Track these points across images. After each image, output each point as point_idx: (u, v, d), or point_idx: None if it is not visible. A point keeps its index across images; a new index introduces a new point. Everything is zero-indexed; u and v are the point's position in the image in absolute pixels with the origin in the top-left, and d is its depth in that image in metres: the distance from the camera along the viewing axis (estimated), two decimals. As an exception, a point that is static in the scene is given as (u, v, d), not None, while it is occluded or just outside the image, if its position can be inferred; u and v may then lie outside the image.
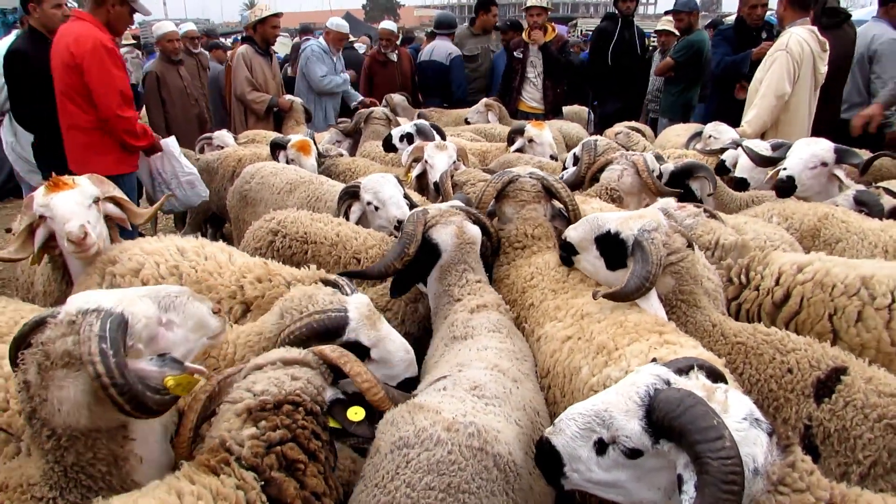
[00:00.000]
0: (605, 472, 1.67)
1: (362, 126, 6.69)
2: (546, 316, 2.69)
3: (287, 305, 2.39)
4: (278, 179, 4.67)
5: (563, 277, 2.87)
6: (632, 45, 9.00)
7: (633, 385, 1.63)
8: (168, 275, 2.91)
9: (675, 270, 2.53)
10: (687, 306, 2.59)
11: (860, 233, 3.41)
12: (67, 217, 2.90)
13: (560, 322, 2.58)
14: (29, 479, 1.71)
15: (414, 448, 1.72)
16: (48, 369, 1.61)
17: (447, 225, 2.83)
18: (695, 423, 1.45)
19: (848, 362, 2.22)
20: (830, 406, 2.12)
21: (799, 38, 5.62)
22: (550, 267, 2.93)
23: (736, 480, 1.39)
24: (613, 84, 9.02)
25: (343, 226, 3.71)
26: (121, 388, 1.57)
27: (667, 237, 2.53)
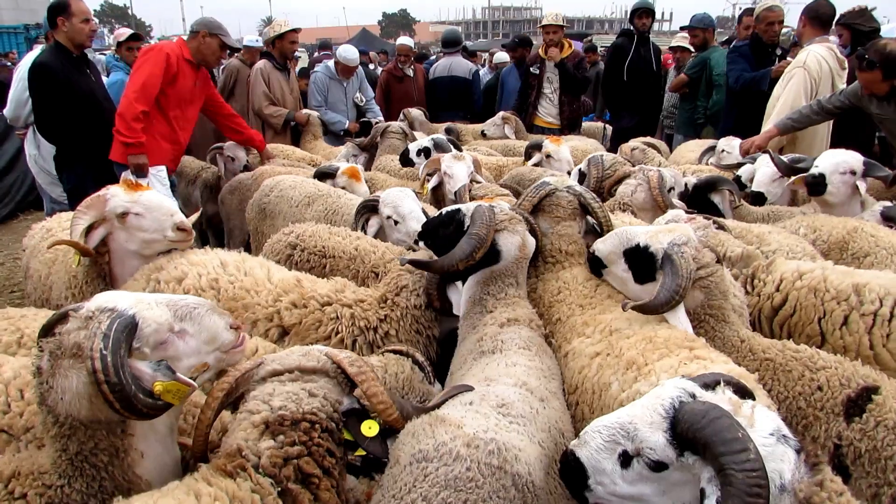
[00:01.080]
0: (629, 486, 1.65)
1: (378, 140, 6.74)
2: (574, 332, 2.68)
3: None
4: (297, 192, 4.69)
5: (590, 293, 2.86)
6: (647, 61, 8.97)
7: (658, 398, 1.62)
8: (208, 287, 2.96)
9: (705, 285, 2.53)
10: (715, 321, 2.57)
11: (890, 247, 3.38)
12: (173, 209, 3.16)
13: (588, 338, 2.57)
14: (40, 467, 1.77)
15: (433, 462, 1.69)
16: (58, 358, 1.68)
17: (514, 234, 2.78)
18: (719, 435, 1.43)
19: (879, 381, 2.19)
20: (861, 425, 2.07)
21: (817, 56, 5.60)
22: (578, 282, 2.92)
23: (761, 493, 1.36)
24: (629, 100, 9.01)
25: (361, 240, 3.72)
26: (112, 387, 1.62)
27: (696, 251, 2.54)
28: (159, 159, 5.54)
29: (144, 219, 3.08)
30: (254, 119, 7.97)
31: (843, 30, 6.38)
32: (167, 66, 5.31)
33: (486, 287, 2.77)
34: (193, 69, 5.68)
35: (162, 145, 5.58)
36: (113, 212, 3.07)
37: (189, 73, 5.62)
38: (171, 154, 5.73)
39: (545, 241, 3.09)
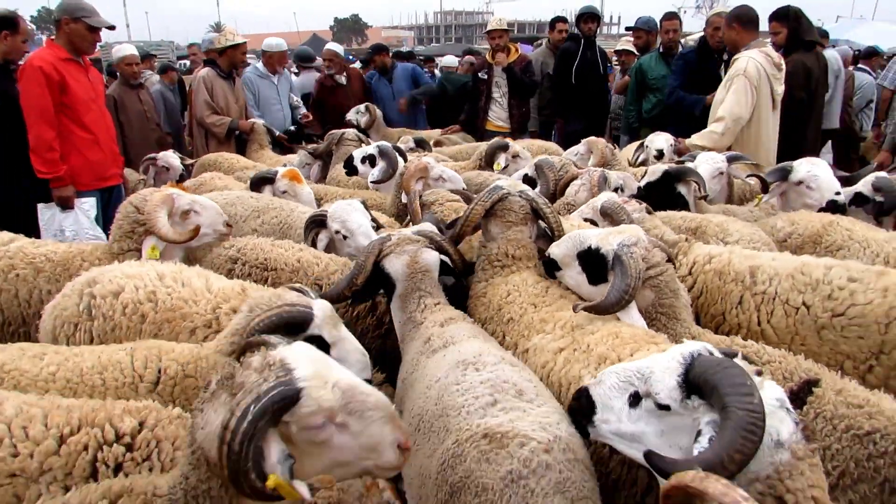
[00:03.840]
0: (632, 424, 1.82)
1: (333, 148, 6.57)
2: (531, 329, 2.72)
3: (256, 301, 2.45)
4: (239, 208, 4.56)
5: (541, 293, 2.91)
6: (594, 64, 9.11)
7: (680, 350, 1.78)
8: (146, 300, 2.90)
9: (655, 284, 2.61)
10: (667, 318, 2.65)
11: (863, 241, 3.49)
12: (219, 209, 3.76)
13: (549, 334, 2.63)
14: (156, 489, 1.72)
15: (530, 478, 1.80)
16: (222, 387, 1.61)
17: (400, 255, 2.89)
18: (730, 379, 1.60)
19: (820, 374, 2.27)
20: (801, 417, 2.10)
21: (756, 63, 5.74)
22: (528, 284, 2.97)
23: (756, 432, 1.51)
24: (577, 103, 9.12)
25: (304, 251, 3.65)
26: (230, 452, 1.50)
27: (646, 251, 2.61)
28: (96, 172, 5.39)
29: (202, 216, 3.64)
30: (197, 128, 7.78)
31: (780, 27, 6.55)
32: (46, 78, 4.95)
33: (406, 306, 2.85)
34: (77, 64, 5.33)
35: (92, 157, 5.39)
36: (180, 209, 3.57)
37: (76, 70, 5.27)
38: (103, 160, 5.53)
39: (492, 246, 3.12)
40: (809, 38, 6.64)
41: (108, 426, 1.92)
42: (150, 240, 3.47)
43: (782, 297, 2.84)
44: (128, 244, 3.51)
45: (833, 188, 4.21)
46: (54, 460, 1.84)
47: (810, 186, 4.28)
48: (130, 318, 2.85)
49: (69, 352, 2.43)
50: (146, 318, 2.85)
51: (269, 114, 8.54)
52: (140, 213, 3.48)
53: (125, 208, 3.54)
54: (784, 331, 2.80)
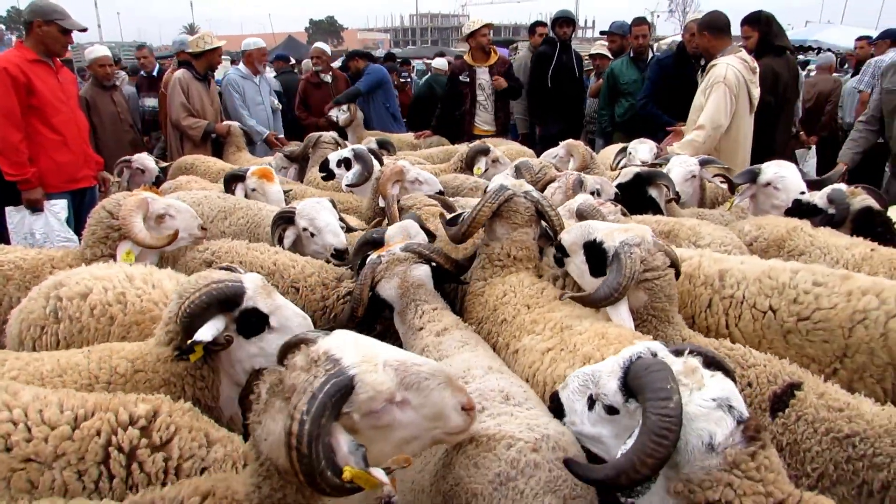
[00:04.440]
0: (591, 427, 1.88)
1: (310, 151, 6.53)
2: (522, 329, 2.75)
3: (183, 287, 2.40)
4: (206, 208, 4.52)
5: (536, 294, 2.93)
6: (570, 68, 9.21)
7: (625, 352, 1.82)
8: (115, 301, 2.87)
9: (649, 287, 2.63)
10: (658, 321, 2.68)
11: (824, 247, 3.57)
12: (194, 212, 3.74)
13: (539, 335, 2.65)
14: (234, 493, 1.70)
15: (519, 480, 1.80)
16: (274, 395, 1.58)
17: (391, 279, 2.92)
18: (652, 384, 1.63)
19: (803, 378, 2.31)
20: (783, 420, 2.20)
21: (734, 70, 5.84)
22: (524, 285, 2.99)
23: (667, 436, 1.54)
24: (553, 106, 9.20)
25: (280, 254, 3.64)
26: (301, 457, 1.47)
27: (648, 254, 2.62)
28: (65, 174, 5.32)
29: (176, 220, 3.59)
30: (172, 130, 7.69)
31: (751, 31, 6.66)
32: (12, 80, 4.88)
33: (405, 319, 2.88)
34: (48, 65, 5.25)
35: (60, 159, 5.32)
36: (154, 213, 3.52)
37: (44, 72, 5.18)
38: (72, 162, 5.45)
39: (495, 246, 3.13)
40: (780, 42, 6.76)
41: (123, 410, 1.95)
42: (125, 245, 3.43)
43: (749, 301, 2.88)
44: (101, 250, 3.46)
45: (798, 188, 4.30)
46: (68, 445, 1.85)
47: (777, 187, 4.38)
48: (98, 319, 2.83)
49: (29, 357, 2.41)
50: (115, 320, 2.83)
51: (254, 114, 8.52)
52: (114, 217, 3.44)
53: (98, 213, 3.49)
54: (751, 334, 2.84)
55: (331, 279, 3.49)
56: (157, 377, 2.32)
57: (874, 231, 3.73)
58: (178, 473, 1.93)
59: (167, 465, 1.92)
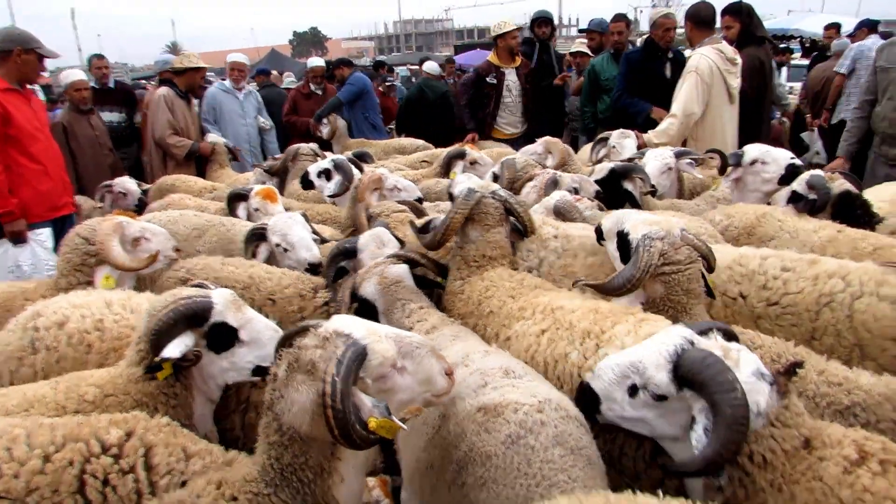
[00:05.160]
0: (634, 411, 2.03)
1: (290, 164, 6.51)
2: (511, 317, 2.82)
3: (153, 305, 2.40)
4: (181, 227, 4.52)
5: (517, 284, 3.01)
6: (549, 67, 9.25)
7: (664, 344, 1.96)
8: (93, 329, 2.86)
9: (666, 280, 2.68)
10: (675, 311, 2.70)
11: (793, 231, 3.65)
12: (168, 234, 3.78)
13: (529, 320, 2.73)
14: (247, 475, 1.86)
15: (528, 437, 1.97)
16: (294, 371, 1.78)
17: (369, 279, 3.02)
18: (715, 378, 1.79)
19: (805, 357, 2.42)
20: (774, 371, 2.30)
21: (708, 60, 5.89)
22: (503, 278, 3.08)
23: (745, 423, 1.75)
24: (535, 105, 9.21)
25: (256, 267, 3.65)
26: (336, 413, 1.69)
27: (671, 247, 2.67)
28: (47, 202, 5.30)
29: (152, 243, 3.62)
30: (155, 149, 7.67)
31: (733, 21, 6.70)
32: None
33: (391, 317, 2.95)
34: (19, 93, 5.21)
35: (41, 188, 5.29)
36: (130, 237, 3.56)
37: (18, 100, 5.15)
38: (53, 190, 5.43)
39: (470, 248, 3.20)
40: (760, 33, 6.86)
41: (94, 440, 1.96)
42: (104, 269, 3.42)
43: (721, 289, 2.92)
44: (77, 278, 3.42)
45: (787, 156, 4.36)
46: (40, 479, 1.89)
47: (765, 161, 4.40)
48: (76, 348, 2.81)
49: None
50: (92, 348, 2.82)
51: (232, 128, 8.55)
52: (90, 243, 3.42)
53: (72, 241, 3.47)
54: (724, 321, 2.84)
55: (307, 290, 3.48)
56: (129, 399, 2.31)
57: (854, 214, 3.76)
58: (155, 490, 1.95)
59: (139, 487, 1.94)
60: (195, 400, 2.44)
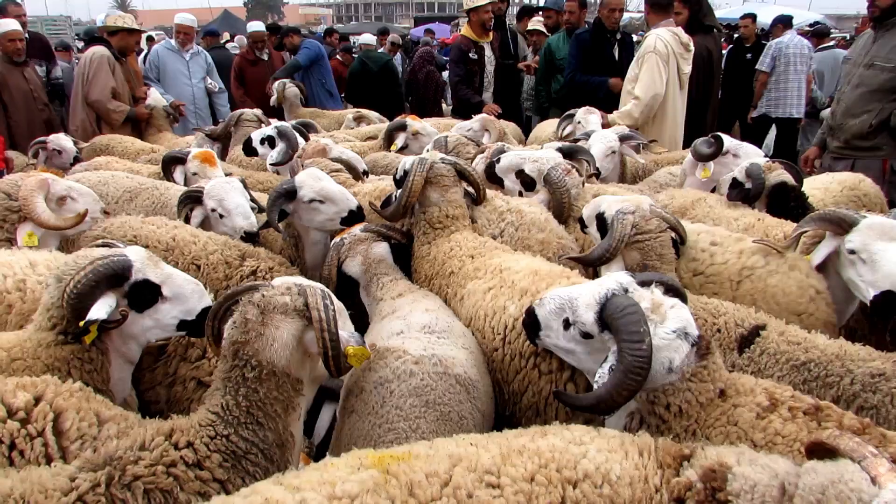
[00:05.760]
0: (566, 342, 2.25)
1: (232, 129, 6.36)
2: (467, 277, 3.06)
3: (62, 269, 2.29)
4: (112, 188, 4.36)
5: (479, 246, 3.23)
6: (505, 44, 9.20)
7: (600, 286, 2.14)
8: (14, 289, 2.77)
9: (640, 247, 2.92)
10: None
11: (717, 218, 3.91)
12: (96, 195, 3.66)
13: (480, 279, 2.99)
14: (200, 420, 1.90)
15: (393, 382, 2.23)
16: (269, 312, 1.94)
17: (354, 258, 3.28)
18: (627, 327, 1.96)
19: (766, 321, 2.67)
20: (749, 354, 2.58)
21: (663, 40, 5.96)
22: (468, 240, 3.28)
23: (640, 373, 1.91)
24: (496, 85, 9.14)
25: (180, 229, 3.53)
26: (331, 336, 1.95)
27: (641, 219, 2.93)
28: None
29: (78, 203, 3.47)
30: (86, 110, 7.29)
31: (682, 7, 6.78)
32: None
33: (369, 291, 3.22)
34: None
35: None
36: (56, 195, 3.40)
37: None
38: None
39: (433, 210, 3.38)
40: (709, 22, 6.94)
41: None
42: (27, 226, 3.27)
43: None
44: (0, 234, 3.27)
45: (758, 153, 4.47)
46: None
47: (736, 155, 4.45)
48: (-10, 307, 2.70)
49: None
50: (13, 309, 2.72)
51: (175, 87, 8.29)
52: (12, 199, 3.27)
53: None
54: None
55: (234, 257, 3.42)
56: (39, 363, 2.22)
57: (787, 205, 3.88)
58: (66, 456, 1.90)
59: (48, 451, 1.89)
60: (112, 364, 2.36)
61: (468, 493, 1.51)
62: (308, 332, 1.99)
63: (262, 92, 8.98)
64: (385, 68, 10.03)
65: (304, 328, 1.99)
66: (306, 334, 1.99)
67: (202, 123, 8.31)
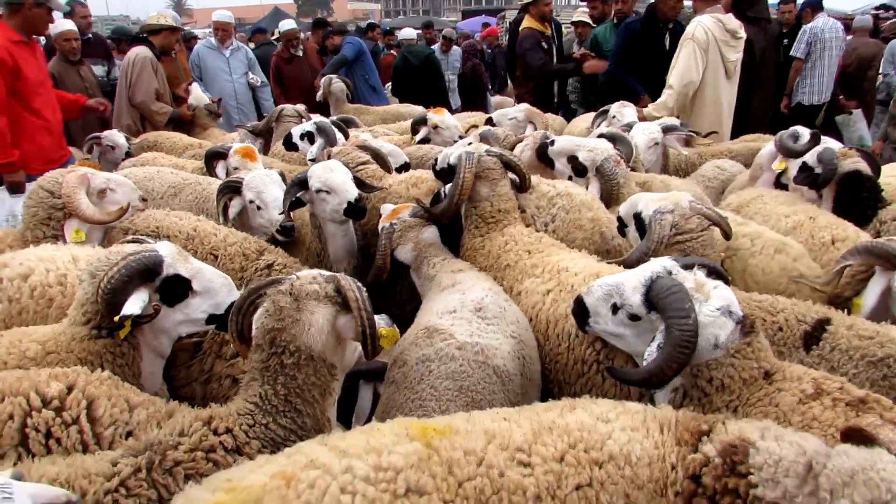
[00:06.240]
0: (615, 327, 2.32)
1: (273, 125, 6.46)
2: (524, 273, 3.07)
3: (95, 266, 2.34)
4: (157, 184, 4.46)
5: (535, 241, 3.26)
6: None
7: (645, 271, 2.23)
8: (56, 283, 2.85)
9: (682, 249, 2.85)
10: None
11: (768, 215, 3.82)
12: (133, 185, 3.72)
13: (538, 278, 2.99)
14: (239, 409, 1.95)
15: (434, 362, 2.33)
16: (302, 299, 2.00)
17: (406, 244, 3.40)
18: (673, 305, 2.04)
19: (830, 314, 2.55)
20: (818, 352, 2.47)
21: (703, 27, 5.76)
22: (523, 234, 3.33)
23: (688, 347, 1.98)
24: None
25: (202, 221, 3.59)
26: (369, 317, 2.03)
27: (681, 218, 2.88)
28: (45, 156, 5.31)
29: (118, 194, 3.56)
30: (130, 110, 7.45)
31: None
32: (1, 63, 4.88)
33: (419, 273, 3.34)
34: (26, 46, 5.20)
35: (43, 142, 5.32)
36: (96, 188, 3.47)
37: (26, 54, 5.16)
38: (52, 144, 5.45)
39: (485, 205, 3.42)
40: (753, 13, 6.65)
41: (34, 394, 1.95)
42: (73, 222, 3.35)
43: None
44: (43, 231, 3.35)
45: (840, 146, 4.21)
46: None
47: None
48: (38, 301, 2.80)
49: None
50: (53, 302, 2.80)
51: (217, 84, 8.44)
52: (55, 196, 3.33)
53: (37, 194, 3.38)
54: None
55: (252, 251, 3.46)
56: (72, 356, 2.28)
57: (859, 195, 3.72)
58: (100, 442, 1.97)
59: (83, 438, 1.95)
60: (143, 358, 2.41)
61: (500, 472, 1.57)
62: (340, 316, 2.06)
63: (302, 88, 9.08)
64: (427, 62, 9.97)
65: (336, 313, 2.05)
66: (339, 319, 2.06)
67: (245, 119, 8.42)
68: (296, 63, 9.51)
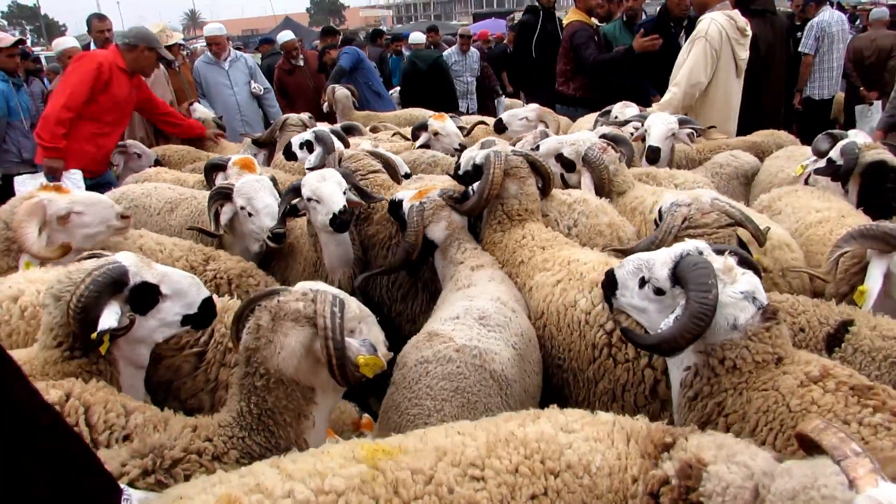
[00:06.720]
0: (640, 300, 2.36)
1: (277, 135, 6.42)
2: (536, 268, 3.12)
3: (57, 288, 2.28)
4: (154, 200, 4.45)
5: (551, 238, 3.30)
6: (555, 36, 8.94)
7: (676, 248, 2.24)
8: None
9: None
10: None
11: (798, 208, 3.79)
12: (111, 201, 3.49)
13: (549, 271, 3.03)
14: (220, 421, 1.97)
15: (432, 363, 2.37)
16: (280, 319, 1.94)
17: (438, 222, 3.36)
18: (696, 279, 2.06)
19: (853, 315, 2.50)
20: (841, 354, 2.42)
21: (718, 25, 5.61)
22: (541, 231, 3.37)
23: (704, 318, 1.99)
24: (539, 75, 8.94)
25: (145, 237, 3.58)
26: (336, 344, 1.90)
27: (697, 212, 2.90)
28: (78, 162, 5.53)
29: (86, 216, 3.28)
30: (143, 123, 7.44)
31: None
32: (98, 74, 5.43)
33: (446, 256, 3.37)
34: (127, 77, 5.80)
35: (84, 148, 5.60)
36: (55, 215, 3.19)
37: (123, 81, 5.74)
38: (92, 156, 5.73)
39: (513, 202, 3.45)
40: (758, 6, 6.50)
41: None
42: (24, 255, 3.16)
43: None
44: (7, 262, 3.23)
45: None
46: None
47: None
48: (28, 322, 2.78)
49: None
50: (43, 323, 2.77)
51: (220, 99, 8.46)
52: (10, 229, 3.16)
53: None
54: None
55: (199, 261, 3.46)
56: (48, 380, 2.23)
57: (884, 186, 3.65)
58: (97, 446, 1.98)
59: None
60: (122, 373, 2.37)
61: (450, 489, 1.54)
62: (317, 340, 1.95)
63: (307, 97, 9.09)
64: (434, 66, 9.90)
65: (313, 336, 1.95)
66: (315, 342, 1.94)
67: (251, 129, 8.40)
68: (298, 73, 9.54)
